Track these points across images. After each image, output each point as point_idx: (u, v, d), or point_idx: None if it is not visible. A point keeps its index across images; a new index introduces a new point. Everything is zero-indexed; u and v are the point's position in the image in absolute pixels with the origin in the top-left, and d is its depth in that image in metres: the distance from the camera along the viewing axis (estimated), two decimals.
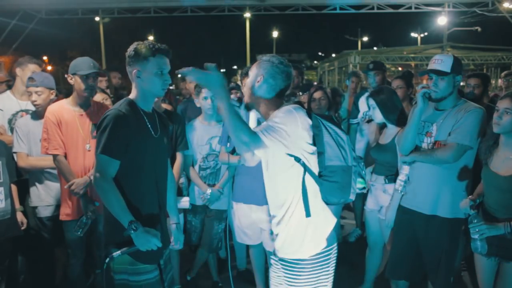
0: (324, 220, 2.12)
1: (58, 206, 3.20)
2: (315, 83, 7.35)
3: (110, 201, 2.10)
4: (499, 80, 5.79)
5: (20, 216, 3.15)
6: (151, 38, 32.12)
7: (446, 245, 2.74)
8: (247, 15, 22.40)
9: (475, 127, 2.61)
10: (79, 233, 2.94)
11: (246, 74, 3.24)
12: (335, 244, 2.15)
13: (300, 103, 2.19)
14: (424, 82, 2.85)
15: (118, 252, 2.11)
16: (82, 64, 3.03)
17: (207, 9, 19.51)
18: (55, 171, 3.24)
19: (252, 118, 2.66)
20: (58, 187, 3.23)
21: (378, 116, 3.23)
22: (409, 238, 2.88)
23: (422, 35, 32.58)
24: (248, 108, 2.20)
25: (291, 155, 2.03)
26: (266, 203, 3.20)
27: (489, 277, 2.58)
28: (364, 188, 2.20)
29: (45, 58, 31.89)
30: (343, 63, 22.36)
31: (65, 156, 3.02)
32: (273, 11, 20.01)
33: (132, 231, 2.05)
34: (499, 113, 2.43)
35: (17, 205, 3.15)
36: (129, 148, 2.12)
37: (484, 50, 21.68)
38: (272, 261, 2.27)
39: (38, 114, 3.30)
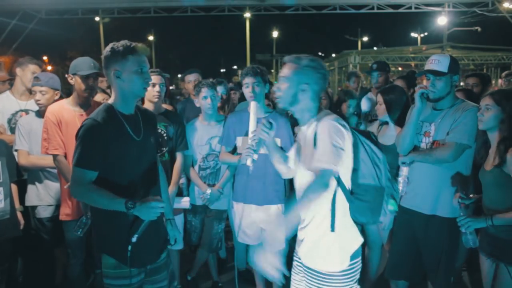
0: (351, 238, 2.08)
1: (58, 206, 3.20)
2: None
3: (94, 199, 2.08)
4: (500, 80, 5.80)
5: (19, 216, 3.14)
6: (151, 38, 32.17)
7: (445, 245, 2.74)
8: (247, 15, 22.42)
9: (473, 126, 2.61)
10: (79, 233, 2.94)
11: (247, 75, 3.21)
12: (359, 258, 2.12)
13: None
14: (424, 82, 2.86)
15: (135, 235, 2.08)
16: (83, 64, 3.03)
17: (207, 9, 19.54)
18: (55, 171, 3.25)
19: (253, 108, 2.63)
20: (57, 187, 3.23)
21: (383, 114, 3.23)
22: (409, 238, 2.87)
23: (422, 35, 32.59)
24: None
25: None
26: (266, 203, 3.23)
27: (490, 278, 2.56)
28: (395, 211, 2.15)
29: (45, 58, 31.82)
30: (343, 63, 22.36)
31: (65, 156, 3.02)
32: (273, 11, 20.03)
33: (132, 210, 2.02)
34: (481, 111, 2.48)
35: (17, 204, 3.15)
36: (107, 155, 2.09)
37: (484, 50, 21.67)
38: (295, 263, 2.26)
39: (42, 113, 3.30)
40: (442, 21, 23.67)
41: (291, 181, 3.50)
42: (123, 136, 2.14)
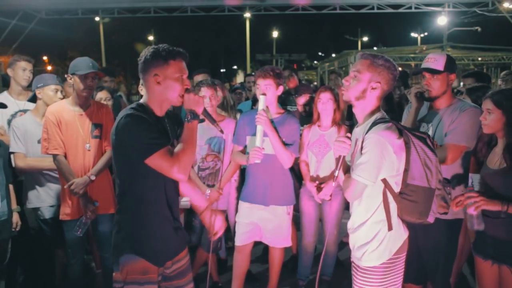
0: (394, 237, 2.10)
1: (59, 207, 3.18)
2: (315, 83, 7.36)
3: (188, 149, 2.05)
4: (499, 80, 5.83)
5: (15, 217, 3.14)
6: (151, 38, 32.14)
7: (444, 246, 2.72)
8: (247, 15, 22.43)
9: (471, 127, 2.57)
10: (78, 233, 2.94)
11: (259, 76, 3.18)
12: (399, 255, 2.13)
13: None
14: (423, 82, 2.85)
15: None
16: (81, 64, 3.04)
17: (207, 9, 19.52)
18: (52, 172, 3.24)
19: (262, 102, 2.97)
20: (57, 188, 3.23)
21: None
22: (408, 239, 2.86)
23: (422, 35, 32.59)
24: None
25: None
26: (272, 204, 3.22)
27: (487, 281, 2.53)
28: (445, 213, 2.16)
29: (45, 58, 31.81)
30: (343, 63, 22.37)
31: (65, 156, 3.03)
32: (273, 11, 20.01)
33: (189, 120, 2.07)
34: (483, 115, 2.42)
35: (14, 205, 3.15)
36: None
37: (484, 50, 21.70)
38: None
39: (35, 114, 3.31)
40: (442, 21, 23.65)
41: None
42: (162, 133, 2.08)
